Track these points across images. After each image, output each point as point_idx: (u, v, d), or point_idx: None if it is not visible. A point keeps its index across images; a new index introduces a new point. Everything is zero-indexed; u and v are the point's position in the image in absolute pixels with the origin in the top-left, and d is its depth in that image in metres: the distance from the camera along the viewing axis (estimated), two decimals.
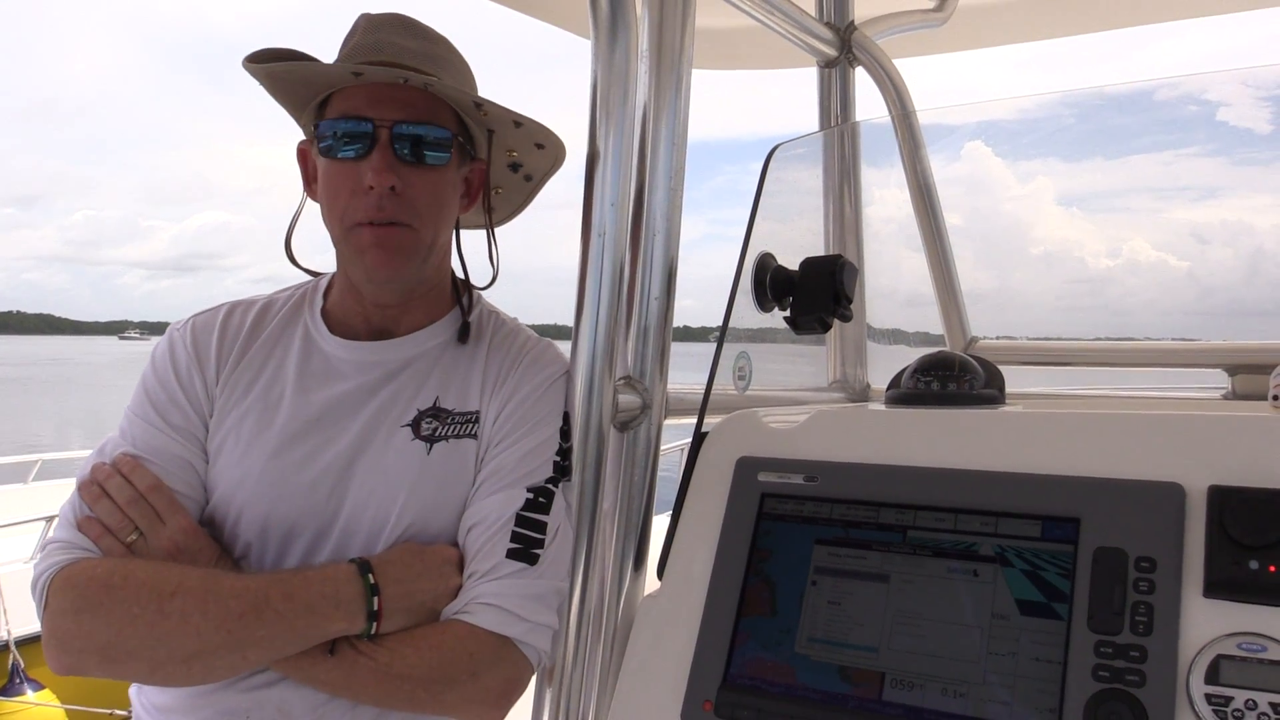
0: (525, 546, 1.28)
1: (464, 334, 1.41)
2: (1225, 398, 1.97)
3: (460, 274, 1.48)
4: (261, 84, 1.37)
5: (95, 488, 1.29)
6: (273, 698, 1.25)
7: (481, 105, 1.35)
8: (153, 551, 1.26)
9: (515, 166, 1.50)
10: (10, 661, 6.31)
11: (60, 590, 1.21)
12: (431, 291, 1.43)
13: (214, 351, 1.39)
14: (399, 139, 1.30)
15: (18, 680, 6.31)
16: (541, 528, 1.29)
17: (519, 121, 1.39)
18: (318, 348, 1.40)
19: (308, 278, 1.50)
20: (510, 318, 1.49)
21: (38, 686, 6.37)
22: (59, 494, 7.97)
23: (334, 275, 1.46)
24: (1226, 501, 1.06)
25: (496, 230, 1.50)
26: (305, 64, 1.32)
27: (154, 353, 1.42)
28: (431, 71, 1.33)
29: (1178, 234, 2.18)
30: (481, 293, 1.50)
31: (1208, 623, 1.02)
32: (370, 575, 1.23)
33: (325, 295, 1.46)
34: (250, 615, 1.18)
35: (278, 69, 1.32)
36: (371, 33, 1.35)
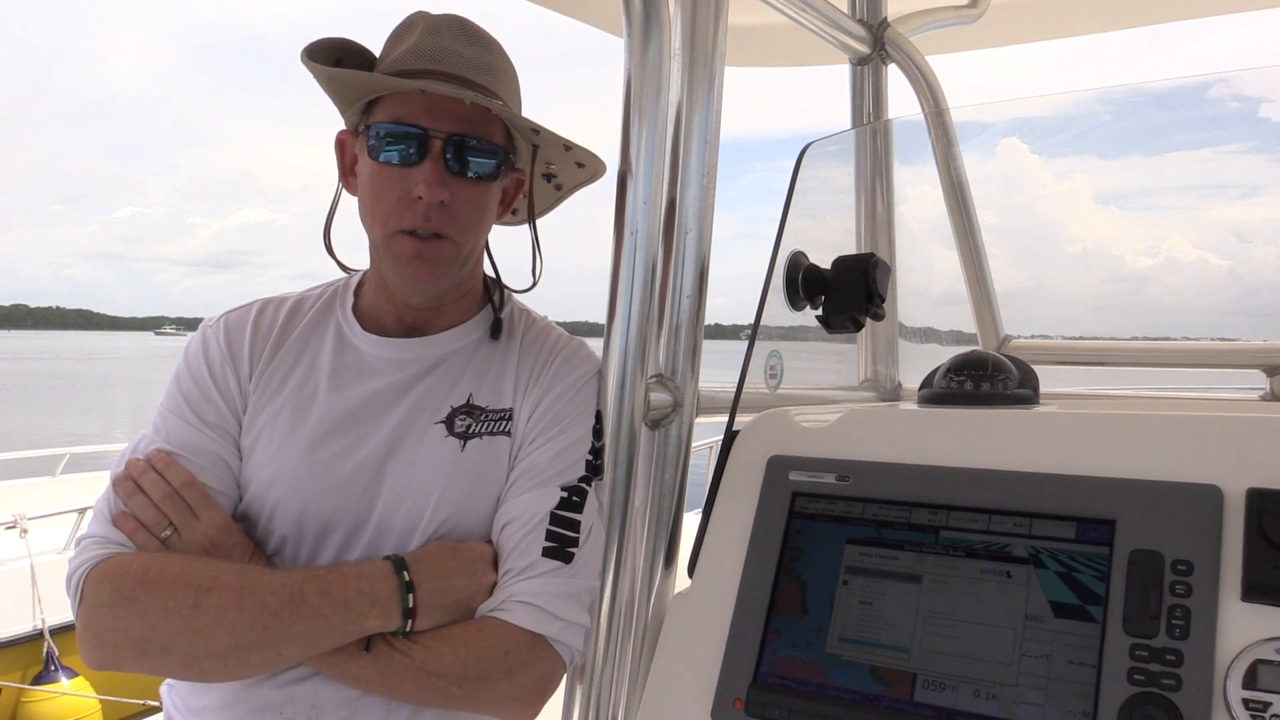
0: (560, 545, 1.27)
1: (496, 330, 1.41)
2: (1264, 399, 1.94)
3: (491, 273, 1.48)
4: (318, 81, 1.34)
5: (130, 483, 1.29)
6: (306, 693, 1.25)
7: (539, 131, 1.35)
8: (187, 547, 1.25)
9: (548, 177, 1.50)
10: (45, 649, 6.41)
11: (96, 584, 1.22)
12: (464, 294, 1.43)
13: (247, 348, 1.39)
14: (451, 151, 1.29)
15: (52, 668, 6.41)
16: (576, 526, 1.29)
17: (568, 146, 1.39)
18: (351, 344, 1.40)
19: (339, 274, 1.50)
20: (540, 316, 1.49)
21: (72, 674, 6.47)
22: (87, 486, 8.07)
23: (366, 273, 1.45)
24: (1265, 504, 1.04)
25: (521, 229, 1.51)
26: (369, 75, 1.30)
27: (187, 349, 1.41)
28: (488, 83, 1.32)
29: (1218, 232, 2.15)
30: (513, 292, 1.50)
31: (1245, 627, 1.01)
32: (405, 572, 1.22)
33: (357, 293, 1.45)
34: (286, 611, 1.17)
35: (339, 75, 1.30)
36: (431, 36, 1.32)
